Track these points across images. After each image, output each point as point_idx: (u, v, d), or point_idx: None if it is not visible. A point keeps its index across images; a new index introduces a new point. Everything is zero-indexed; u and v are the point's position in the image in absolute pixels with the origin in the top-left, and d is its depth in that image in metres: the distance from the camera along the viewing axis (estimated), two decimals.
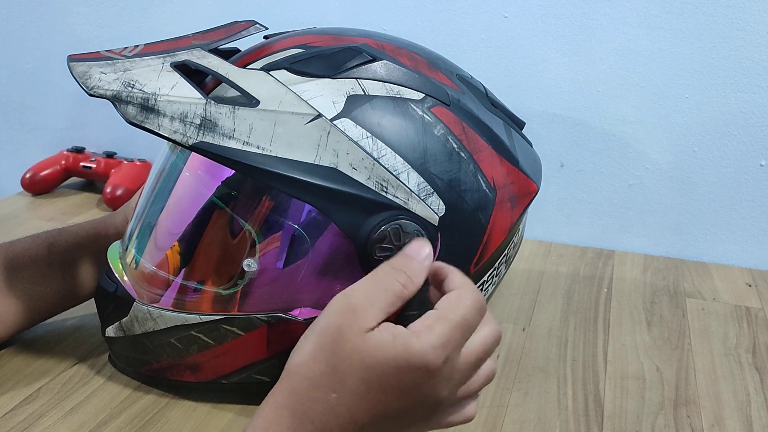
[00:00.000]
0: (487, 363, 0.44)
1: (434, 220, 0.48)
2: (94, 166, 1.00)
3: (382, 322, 0.40)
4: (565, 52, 0.84)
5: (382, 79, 0.49)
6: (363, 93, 0.48)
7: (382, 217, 0.47)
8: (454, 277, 0.43)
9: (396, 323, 0.41)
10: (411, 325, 0.40)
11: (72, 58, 0.46)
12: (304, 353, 0.41)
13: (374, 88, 0.48)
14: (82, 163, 1.01)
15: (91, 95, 0.43)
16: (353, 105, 0.47)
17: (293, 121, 0.46)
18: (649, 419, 0.56)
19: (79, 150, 1.03)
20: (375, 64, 0.50)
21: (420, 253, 0.43)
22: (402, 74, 0.50)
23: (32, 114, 1.13)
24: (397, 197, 0.47)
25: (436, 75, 0.52)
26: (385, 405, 0.40)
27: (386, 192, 0.47)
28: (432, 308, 0.41)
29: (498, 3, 0.85)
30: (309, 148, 0.46)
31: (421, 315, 0.41)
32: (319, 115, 0.46)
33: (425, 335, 0.39)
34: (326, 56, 0.49)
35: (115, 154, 1.02)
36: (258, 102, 0.46)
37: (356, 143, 0.46)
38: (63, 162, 1.01)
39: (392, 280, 0.41)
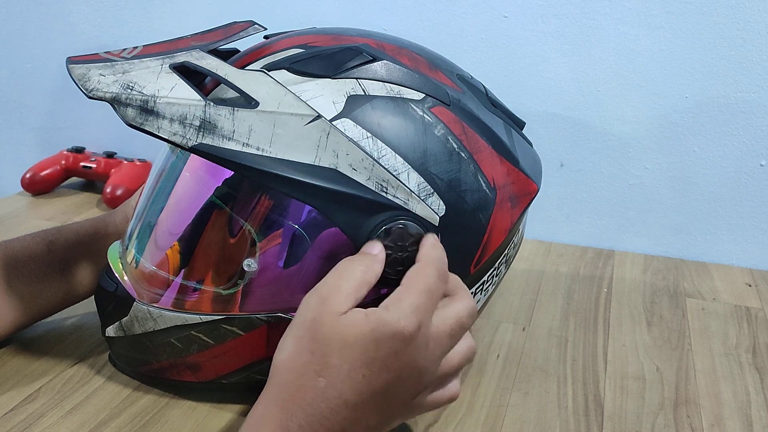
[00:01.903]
0: (465, 339, 0.47)
1: (434, 220, 0.48)
2: (94, 166, 1.00)
3: (354, 307, 0.43)
4: (565, 52, 0.84)
5: (382, 79, 0.49)
6: (363, 93, 0.48)
7: (382, 217, 0.47)
8: (421, 251, 0.47)
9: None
10: (381, 303, 0.43)
11: (71, 60, 0.46)
12: (285, 349, 0.43)
13: (374, 88, 0.48)
14: (82, 163, 1.01)
15: (90, 98, 0.43)
16: (353, 105, 0.47)
17: (292, 122, 0.46)
18: (649, 419, 0.56)
19: (79, 150, 1.03)
20: (375, 64, 0.50)
21: (373, 249, 0.46)
22: (402, 74, 0.50)
23: (32, 114, 1.13)
24: (397, 197, 0.47)
25: (437, 75, 0.52)
26: (370, 379, 0.42)
27: (386, 192, 0.47)
28: None
29: (498, 3, 0.85)
30: (308, 149, 0.46)
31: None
32: (319, 116, 0.46)
33: (395, 306, 0.43)
34: (326, 56, 0.49)
35: (115, 154, 1.02)
36: (257, 103, 0.46)
37: (356, 143, 0.46)
38: (63, 162, 1.01)
39: (353, 269, 0.44)
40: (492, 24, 0.86)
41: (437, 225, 0.49)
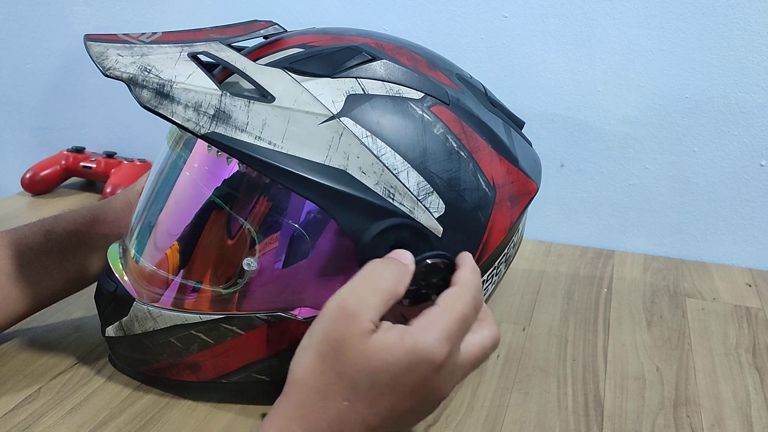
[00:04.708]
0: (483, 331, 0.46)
1: (438, 231, 0.48)
2: (94, 166, 1.00)
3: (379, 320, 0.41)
4: (565, 52, 0.84)
5: (381, 78, 0.49)
6: (362, 92, 0.48)
7: (386, 223, 0.46)
8: (460, 272, 0.46)
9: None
10: (414, 321, 0.42)
11: (89, 38, 0.46)
12: (306, 365, 0.41)
13: (374, 88, 0.48)
14: (82, 163, 1.01)
15: (106, 75, 0.43)
16: (353, 104, 0.47)
17: (307, 120, 0.46)
18: (649, 419, 0.56)
19: (79, 150, 1.03)
20: (374, 63, 0.50)
21: (404, 257, 0.45)
22: (401, 73, 0.50)
23: (32, 114, 1.13)
24: (403, 205, 0.47)
25: (436, 74, 0.52)
26: (395, 406, 0.41)
27: (393, 199, 0.47)
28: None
29: (498, 3, 0.85)
30: (320, 148, 0.46)
31: (413, 303, 0.45)
32: (333, 117, 0.46)
33: (431, 330, 0.41)
34: (326, 56, 0.49)
35: (115, 154, 1.02)
36: (273, 98, 0.46)
37: (367, 147, 0.46)
38: (63, 162, 1.01)
39: (383, 280, 0.43)
40: (492, 24, 0.86)
41: (440, 236, 0.48)
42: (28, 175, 0.99)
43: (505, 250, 0.55)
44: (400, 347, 0.40)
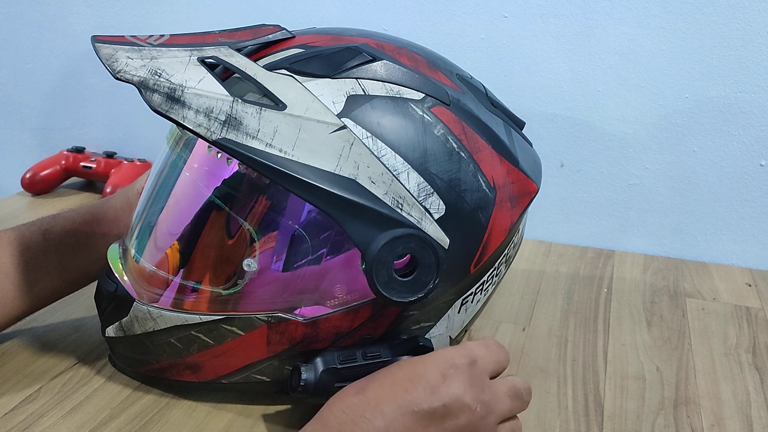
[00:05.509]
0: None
1: (444, 243, 0.48)
2: (94, 166, 1.00)
3: None
4: (565, 52, 0.84)
5: (382, 78, 0.49)
6: (363, 93, 0.48)
7: (394, 234, 0.46)
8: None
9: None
10: None
11: (96, 39, 0.46)
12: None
13: (374, 88, 0.48)
14: (82, 163, 1.01)
15: (117, 78, 0.43)
16: (353, 105, 0.47)
17: (318, 129, 0.46)
18: (649, 419, 0.56)
19: (79, 150, 1.03)
20: (375, 64, 0.50)
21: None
22: (402, 74, 0.50)
23: (32, 114, 1.13)
24: (411, 215, 0.47)
25: (436, 75, 0.52)
26: (414, 395, 0.45)
27: (401, 209, 0.47)
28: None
29: (498, 3, 0.85)
30: (331, 157, 0.46)
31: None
32: (344, 126, 0.46)
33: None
34: (326, 56, 0.49)
35: (115, 154, 1.02)
36: (285, 106, 0.46)
37: (379, 159, 0.46)
38: (63, 162, 1.01)
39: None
40: (492, 24, 0.86)
41: (447, 248, 0.48)
42: (28, 175, 0.99)
43: (506, 251, 0.55)
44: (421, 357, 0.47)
